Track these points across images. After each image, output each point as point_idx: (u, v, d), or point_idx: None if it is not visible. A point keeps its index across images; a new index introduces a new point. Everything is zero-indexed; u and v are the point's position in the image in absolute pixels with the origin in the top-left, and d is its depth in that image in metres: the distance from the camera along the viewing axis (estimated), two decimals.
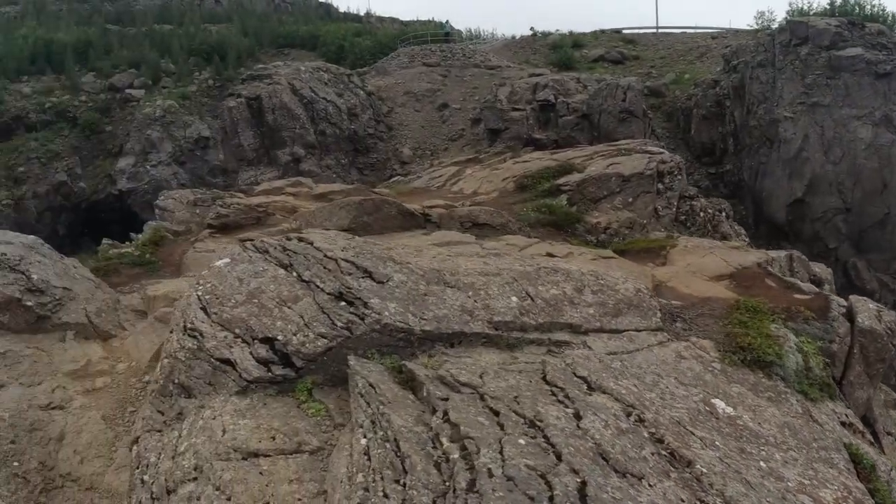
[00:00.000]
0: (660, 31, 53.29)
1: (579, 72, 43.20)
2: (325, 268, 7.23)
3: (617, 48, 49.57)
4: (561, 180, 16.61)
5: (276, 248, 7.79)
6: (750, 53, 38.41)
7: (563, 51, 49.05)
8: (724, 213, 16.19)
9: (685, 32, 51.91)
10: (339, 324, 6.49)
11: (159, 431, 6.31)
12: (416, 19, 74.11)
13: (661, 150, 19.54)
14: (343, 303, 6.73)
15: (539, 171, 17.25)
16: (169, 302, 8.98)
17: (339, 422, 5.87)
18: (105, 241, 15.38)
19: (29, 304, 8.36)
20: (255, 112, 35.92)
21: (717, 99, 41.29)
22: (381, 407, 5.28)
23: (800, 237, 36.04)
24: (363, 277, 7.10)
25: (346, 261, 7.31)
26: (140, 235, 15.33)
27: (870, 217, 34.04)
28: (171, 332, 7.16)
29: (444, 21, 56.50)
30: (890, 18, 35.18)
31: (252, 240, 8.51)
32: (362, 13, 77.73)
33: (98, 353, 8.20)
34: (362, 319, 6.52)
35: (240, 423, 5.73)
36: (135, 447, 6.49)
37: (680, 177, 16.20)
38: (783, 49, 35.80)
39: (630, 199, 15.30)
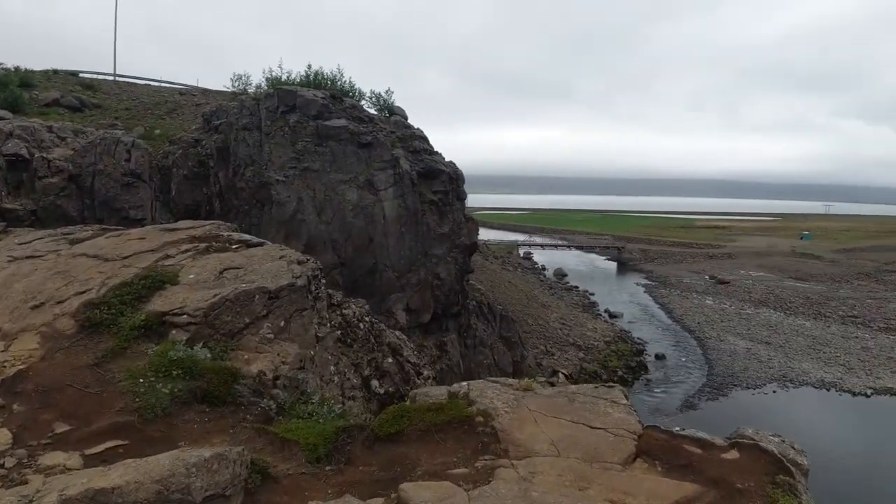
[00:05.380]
0: (119, 79, 44.68)
1: (30, 116, 32.10)
2: None
3: (75, 93, 39.14)
4: (158, 304, 9.47)
5: None
6: (233, 115, 34.26)
7: (9, 89, 35.82)
8: (370, 315, 11.52)
9: (150, 85, 44.61)
10: None
11: None
12: None
13: (242, 234, 13.80)
14: None
15: (116, 287, 9.55)
16: None
17: None
18: None
19: None
20: None
21: (199, 159, 35.92)
22: None
23: None
24: None
25: None
26: None
27: (361, 268, 33.76)
28: None
29: None
30: (358, 94, 35.79)
31: None
32: None
33: None
34: None
35: None
36: None
37: (323, 280, 10.96)
38: (271, 115, 32.78)
39: (282, 324, 9.39)
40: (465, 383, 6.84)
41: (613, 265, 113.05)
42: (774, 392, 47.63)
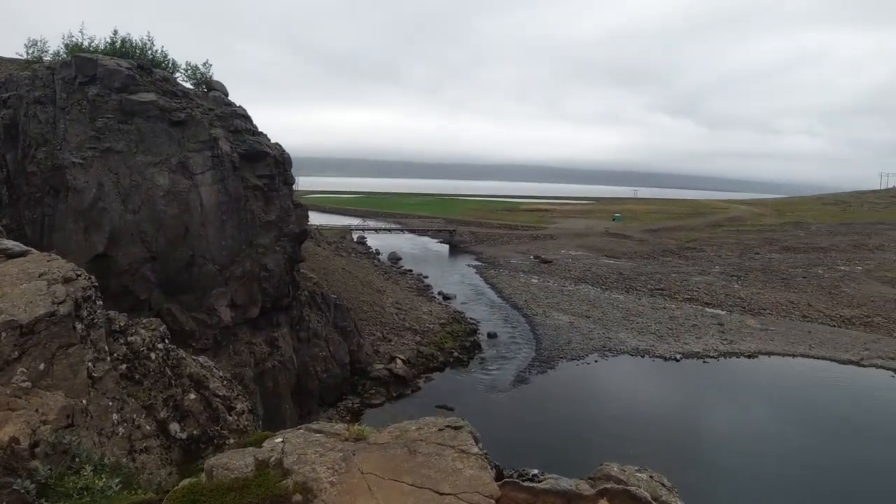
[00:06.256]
0: None
1: None
2: None
3: None
4: None
5: None
6: (24, 87, 29.14)
7: None
8: (166, 340, 9.25)
9: None
10: None
11: None
12: None
13: (5, 240, 10.97)
14: None
15: None
16: None
17: None
18: None
19: None
20: None
21: None
22: None
23: (107, 294, 30.02)
24: None
25: None
26: None
27: (176, 262, 30.44)
28: None
29: None
30: (172, 66, 31.73)
31: None
32: None
33: None
34: None
35: None
36: None
37: (100, 301, 8.66)
38: (67, 86, 28.22)
39: (42, 367, 7.17)
40: (278, 440, 5.36)
41: (446, 248, 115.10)
42: (596, 361, 50.76)
